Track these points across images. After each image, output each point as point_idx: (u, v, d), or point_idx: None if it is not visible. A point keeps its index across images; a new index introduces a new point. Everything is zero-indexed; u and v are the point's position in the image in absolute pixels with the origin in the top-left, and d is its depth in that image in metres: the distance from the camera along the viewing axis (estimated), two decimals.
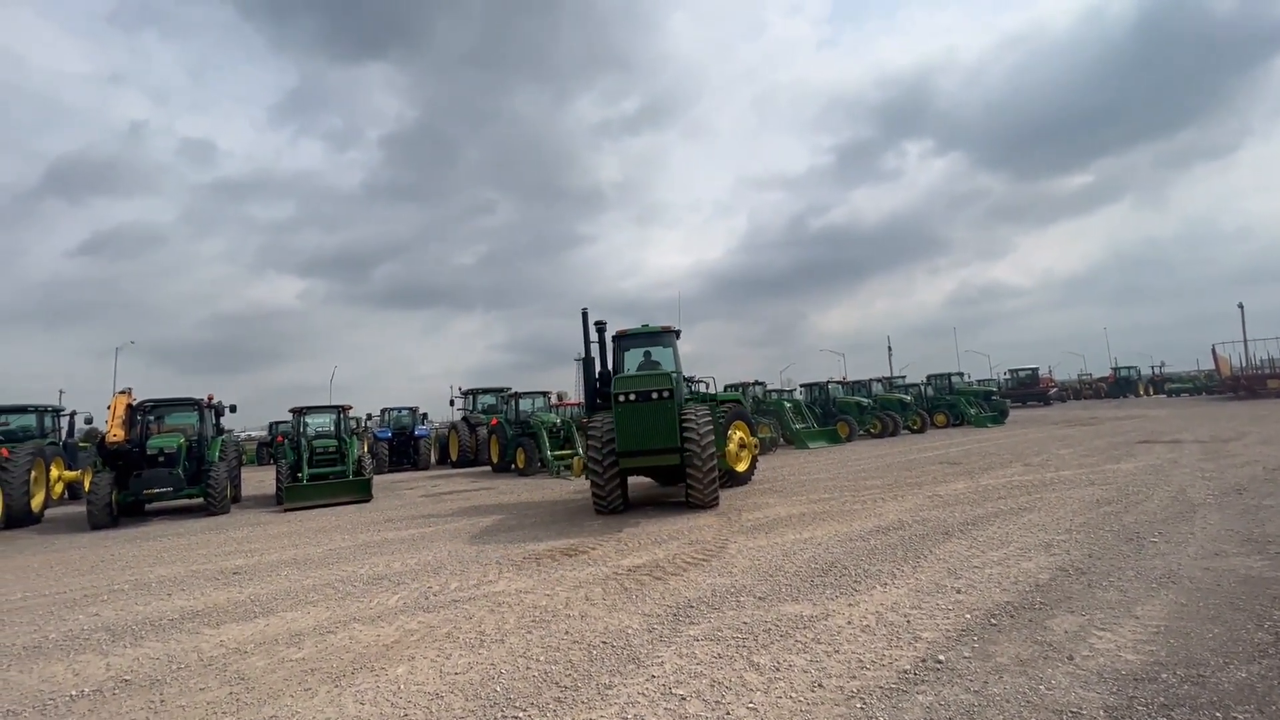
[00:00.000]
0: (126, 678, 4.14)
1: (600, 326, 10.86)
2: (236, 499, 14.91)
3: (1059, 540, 6.20)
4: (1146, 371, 55.86)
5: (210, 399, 14.83)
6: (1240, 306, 38.71)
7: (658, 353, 11.11)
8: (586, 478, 10.12)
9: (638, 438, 8.96)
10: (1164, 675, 3.23)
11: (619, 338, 11.08)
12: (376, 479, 18.67)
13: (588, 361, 10.85)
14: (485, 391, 24.67)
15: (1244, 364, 36.90)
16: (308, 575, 6.85)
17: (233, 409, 16.69)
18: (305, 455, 14.74)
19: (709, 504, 9.30)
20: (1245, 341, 37.26)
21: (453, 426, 23.86)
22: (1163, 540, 5.95)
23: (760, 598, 4.98)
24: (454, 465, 22.38)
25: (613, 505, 9.38)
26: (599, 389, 10.72)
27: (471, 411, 23.81)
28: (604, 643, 4.20)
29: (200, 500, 13.10)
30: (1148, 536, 6.12)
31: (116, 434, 12.81)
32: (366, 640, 4.57)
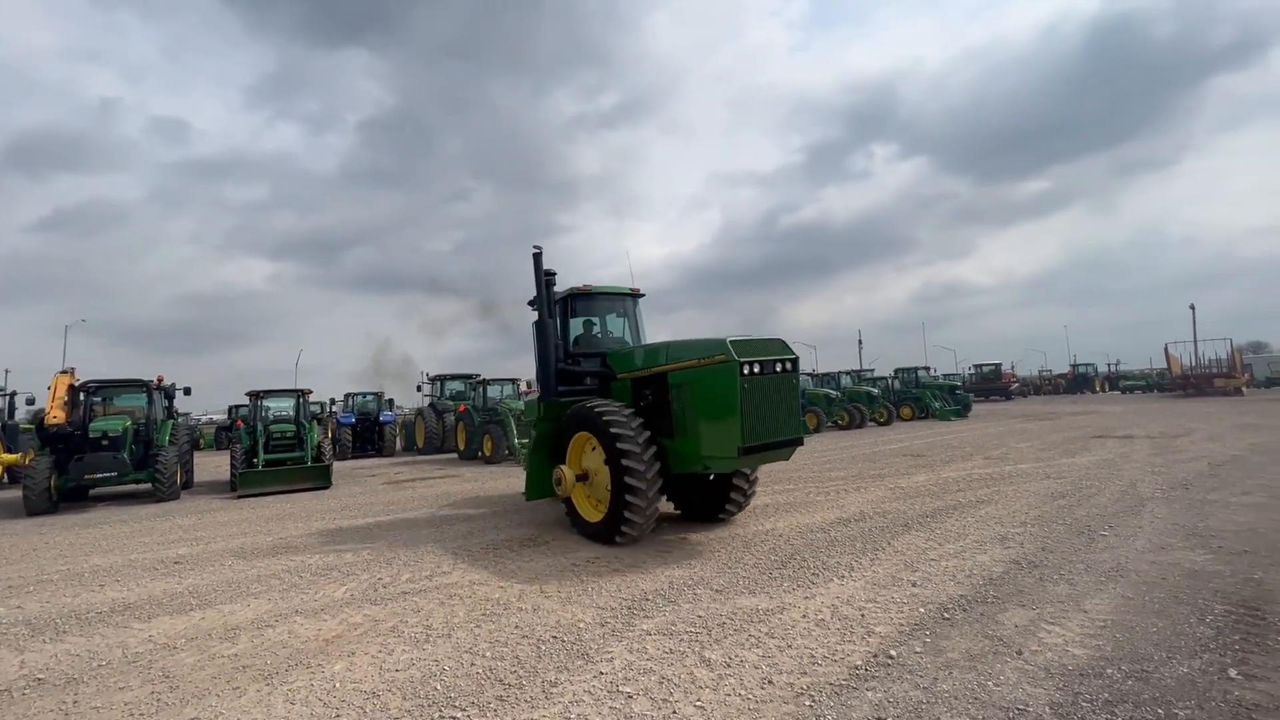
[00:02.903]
0: (40, 676, 3.87)
1: (549, 279, 7.83)
2: (188, 485, 14.37)
3: (1014, 533, 6.28)
4: (1103, 369, 57.87)
5: (160, 380, 14.22)
6: (1192, 308, 40.21)
7: (611, 322, 8.95)
8: (592, 496, 7.15)
9: (763, 428, 6.16)
10: (1109, 670, 3.24)
11: (573, 297, 8.54)
12: (338, 466, 18.23)
13: (543, 325, 7.62)
14: (453, 378, 24.23)
15: (1194, 363, 38.38)
16: (253, 565, 6.57)
17: (186, 391, 16.06)
18: (261, 440, 14.25)
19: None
20: (1195, 341, 38.75)
21: (419, 413, 23.41)
22: (1112, 534, 6.06)
23: (717, 590, 4.91)
24: (420, 452, 21.99)
25: (646, 532, 6.69)
26: (559, 363, 7.85)
27: (439, 398, 23.38)
28: (554, 637, 4.07)
29: (148, 486, 12.57)
30: (1098, 530, 6.24)
31: (56, 415, 12.22)
32: (306, 635, 4.36)
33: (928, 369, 31.22)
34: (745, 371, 6.12)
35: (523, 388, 20.61)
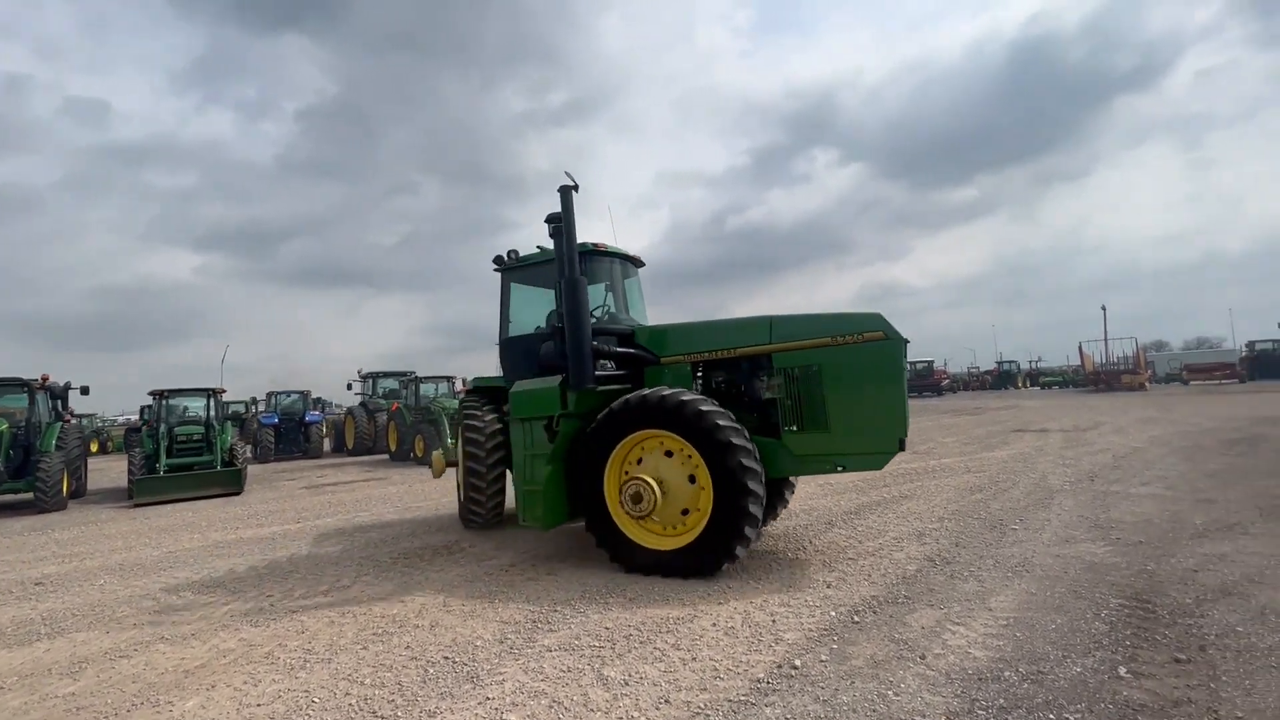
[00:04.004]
0: None
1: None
2: (79, 494, 13.11)
3: (931, 529, 6.35)
4: (1025, 366, 61.34)
5: (45, 379, 12.91)
6: (1103, 309, 42.95)
7: (595, 292, 6.85)
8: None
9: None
10: (1007, 673, 3.20)
11: (584, 256, 6.38)
12: (259, 469, 17.16)
13: (575, 288, 5.61)
14: (386, 375, 23.26)
15: (1104, 360, 41.08)
16: (129, 584, 5.94)
17: (84, 390, 14.74)
18: (164, 444, 13.16)
19: None
20: (1106, 340, 41.47)
21: (349, 412, 22.35)
22: (1022, 528, 6.21)
23: (630, 599, 4.69)
24: (351, 453, 20.99)
25: None
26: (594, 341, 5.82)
27: (371, 396, 22.38)
28: (445, 658, 3.76)
29: (29, 496, 11.38)
30: (1009, 524, 6.38)
31: None
32: (165, 666, 3.89)
33: None
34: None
35: (458, 386, 19.93)
